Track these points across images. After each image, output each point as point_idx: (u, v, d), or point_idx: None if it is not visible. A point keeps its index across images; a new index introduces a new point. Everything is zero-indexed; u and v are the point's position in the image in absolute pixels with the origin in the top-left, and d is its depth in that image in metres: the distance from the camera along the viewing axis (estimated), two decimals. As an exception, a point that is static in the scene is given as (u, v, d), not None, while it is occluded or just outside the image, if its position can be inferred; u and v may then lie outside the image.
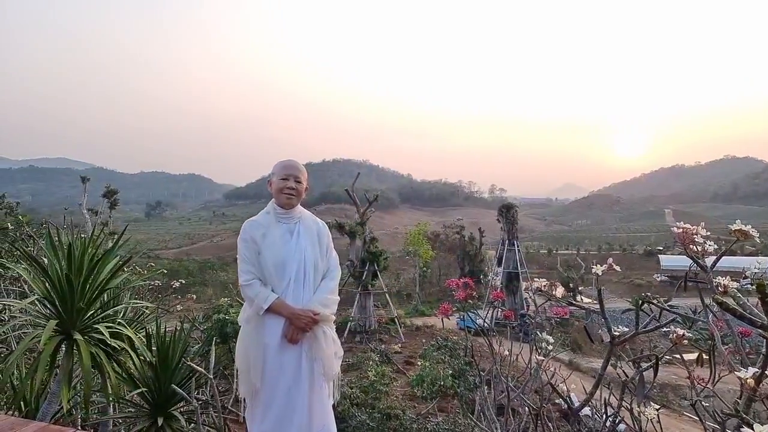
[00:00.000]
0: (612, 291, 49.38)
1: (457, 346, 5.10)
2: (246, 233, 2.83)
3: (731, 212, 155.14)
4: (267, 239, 2.82)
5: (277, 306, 2.69)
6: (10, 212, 16.24)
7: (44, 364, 2.92)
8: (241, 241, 2.83)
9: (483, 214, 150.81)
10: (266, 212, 2.95)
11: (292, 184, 2.90)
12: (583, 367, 20.75)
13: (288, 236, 2.89)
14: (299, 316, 2.70)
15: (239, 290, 2.83)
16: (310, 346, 2.76)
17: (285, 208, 2.91)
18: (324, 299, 2.84)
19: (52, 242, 3.19)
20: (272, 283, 2.77)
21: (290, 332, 2.69)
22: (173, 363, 3.55)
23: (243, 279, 2.74)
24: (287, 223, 2.92)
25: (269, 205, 2.99)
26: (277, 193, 2.91)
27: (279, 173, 2.93)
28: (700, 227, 2.10)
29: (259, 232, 2.82)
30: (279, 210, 2.92)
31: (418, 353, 14.41)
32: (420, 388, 4.23)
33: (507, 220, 29.31)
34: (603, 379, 2.72)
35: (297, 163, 2.99)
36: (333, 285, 2.94)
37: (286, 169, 2.94)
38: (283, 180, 2.90)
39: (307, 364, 2.75)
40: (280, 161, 3.01)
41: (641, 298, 2.65)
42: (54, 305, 3.11)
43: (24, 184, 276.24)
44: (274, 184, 2.93)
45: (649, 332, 2.48)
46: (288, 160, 3.00)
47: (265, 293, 2.71)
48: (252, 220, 2.91)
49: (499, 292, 4.39)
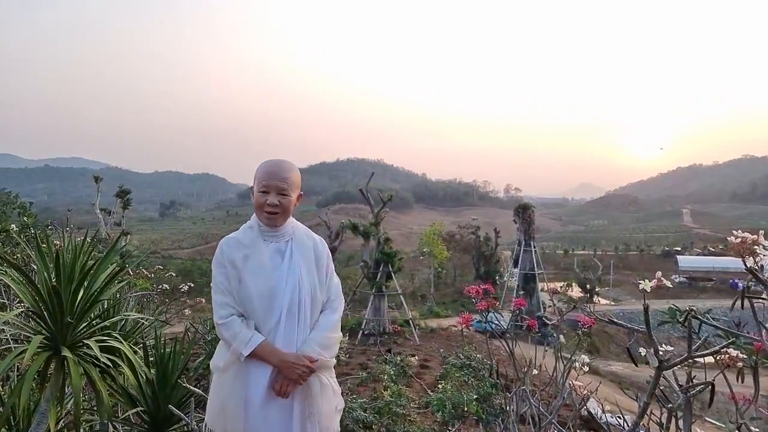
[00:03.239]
0: (630, 293, 48.82)
1: (481, 366, 4.81)
2: (222, 255, 2.22)
3: (750, 212, 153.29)
4: (251, 262, 2.20)
5: (262, 351, 2.11)
6: (23, 212, 16.26)
7: (29, 383, 2.67)
8: (216, 266, 2.23)
9: (498, 214, 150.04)
10: (249, 227, 2.33)
11: (274, 199, 2.22)
12: (602, 370, 20.43)
13: (278, 258, 2.28)
14: (292, 365, 2.10)
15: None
16: (304, 401, 2.18)
17: (269, 227, 2.30)
18: (324, 339, 2.26)
19: (40, 249, 2.93)
20: (257, 320, 2.17)
21: (279, 384, 2.11)
22: (173, 379, 3.29)
23: (218, 316, 2.16)
24: (276, 241, 2.30)
25: (252, 218, 2.35)
26: (257, 210, 2.27)
27: (259, 182, 2.25)
28: (761, 236, 1.86)
29: (240, 253, 2.21)
30: (264, 226, 2.30)
31: (433, 357, 14.16)
32: (441, 414, 3.95)
33: (523, 221, 29.02)
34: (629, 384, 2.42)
35: (283, 165, 2.29)
36: (335, 320, 2.35)
37: (266, 177, 2.23)
38: (262, 194, 2.23)
39: (298, 424, 2.16)
40: (262, 164, 2.31)
41: (678, 309, 2.31)
42: (43, 319, 2.85)
43: (40, 184, 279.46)
44: (254, 196, 2.28)
45: (704, 356, 2.20)
46: (270, 163, 2.29)
47: (247, 335, 2.11)
48: (230, 238, 2.29)
49: (521, 299, 4.13)
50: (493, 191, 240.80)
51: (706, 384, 2.34)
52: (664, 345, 2.27)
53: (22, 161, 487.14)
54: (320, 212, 62.46)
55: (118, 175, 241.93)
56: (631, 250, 79.63)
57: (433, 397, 4.32)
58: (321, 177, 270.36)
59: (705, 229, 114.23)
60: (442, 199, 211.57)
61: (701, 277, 52.21)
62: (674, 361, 2.19)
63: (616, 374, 19.82)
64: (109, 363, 2.88)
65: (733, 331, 2.41)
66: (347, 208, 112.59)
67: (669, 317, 2.24)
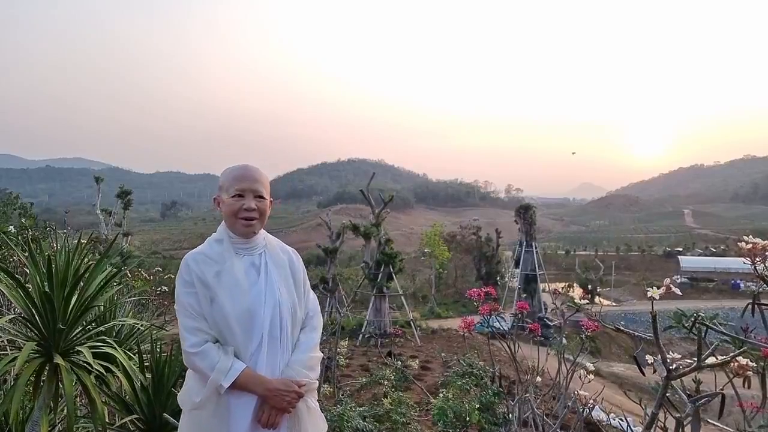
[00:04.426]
0: (630, 293, 48.73)
1: (483, 373, 4.74)
2: (190, 273, 1.95)
3: (752, 212, 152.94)
4: (224, 279, 1.94)
5: (245, 381, 1.86)
6: (23, 213, 16.24)
7: (21, 390, 2.60)
8: (183, 285, 1.95)
9: (499, 215, 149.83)
10: (216, 240, 2.07)
11: (251, 203, 2.02)
12: (603, 371, 20.33)
13: (253, 273, 2.03)
14: (281, 393, 1.89)
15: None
16: (292, 429, 1.98)
17: (245, 237, 2.06)
18: (308, 360, 2.06)
19: (32, 253, 2.86)
20: (236, 345, 1.93)
21: (266, 415, 1.88)
22: (169, 386, 3.22)
23: (189, 344, 1.88)
24: (249, 254, 2.06)
25: (220, 230, 2.10)
26: (231, 218, 2.03)
27: (230, 188, 2.03)
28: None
29: (211, 269, 1.95)
30: (236, 238, 2.06)
31: (434, 358, 14.09)
32: (442, 423, 3.87)
33: (525, 221, 28.97)
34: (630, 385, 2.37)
35: (254, 168, 2.09)
36: (316, 339, 2.15)
37: (240, 180, 2.03)
38: (236, 198, 2.01)
39: None
40: (229, 169, 2.10)
41: (684, 314, 2.24)
42: (35, 325, 2.79)
43: (41, 184, 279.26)
44: (223, 203, 2.05)
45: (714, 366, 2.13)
46: (240, 167, 2.09)
47: (226, 363, 1.86)
48: (197, 252, 2.02)
49: (524, 303, 4.07)
50: (495, 191, 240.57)
51: (715, 394, 2.28)
52: (671, 352, 2.21)
53: (23, 161, 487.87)
54: (321, 213, 62.47)
55: (120, 175, 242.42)
56: (633, 250, 79.48)
57: (435, 406, 4.26)
58: (322, 177, 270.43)
59: (706, 229, 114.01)
60: (443, 200, 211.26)
61: (703, 277, 52.06)
62: (683, 370, 2.13)
63: (618, 376, 19.73)
64: (102, 370, 2.82)
65: (741, 337, 2.35)
66: (348, 208, 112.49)
67: (675, 322, 2.18)
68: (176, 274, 2.04)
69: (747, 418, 2.21)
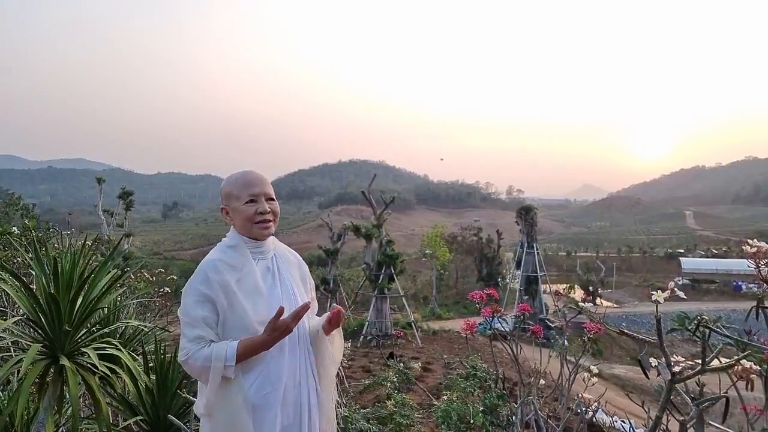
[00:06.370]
0: (632, 294, 48.70)
1: (486, 375, 4.73)
2: (210, 285, 1.86)
3: (753, 214, 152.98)
4: (244, 286, 1.91)
5: (245, 348, 1.81)
6: (26, 213, 16.28)
7: (26, 391, 2.61)
8: (195, 296, 1.87)
9: (500, 216, 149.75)
10: (230, 246, 2.01)
11: (264, 206, 1.99)
12: (605, 373, 20.30)
13: (269, 278, 2.01)
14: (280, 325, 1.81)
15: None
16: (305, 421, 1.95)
17: (262, 239, 2.03)
18: (335, 353, 2.13)
19: (37, 254, 2.87)
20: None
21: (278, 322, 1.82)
22: (173, 387, 3.23)
23: (183, 353, 1.83)
24: (264, 258, 2.04)
25: (231, 236, 2.04)
26: (247, 223, 1.98)
27: (242, 193, 1.98)
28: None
29: (233, 277, 1.89)
30: (251, 243, 2.01)
31: (435, 359, 14.07)
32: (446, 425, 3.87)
33: (526, 223, 28.89)
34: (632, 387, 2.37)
35: (259, 173, 2.06)
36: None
37: (250, 186, 1.99)
38: (250, 203, 1.97)
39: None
40: (233, 176, 2.04)
41: (687, 317, 2.24)
42: (41, 327, 2.80)
43: (43, 185, 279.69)
44: (236, 211, 2.00)
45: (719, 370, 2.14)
46: (246, 173, 2.04)
47: (220, 347, 1.80)
48: (216, 260, 1.94)
49: (526, 304, 4.07)
50: (496, 193, 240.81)
51: (718, 397, 2.28)
52: (674, 355, 2.22)
53: (25, 162, 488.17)
54: (322, 214, 62.49)
55: (121, 176, 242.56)
56: (634, 252, 79.50)
57: (439, 409, 4.26)
58: (323, 178, 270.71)
59: (708, 230, 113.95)
60: (445, 201, 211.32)
61: (704, 279, 51.98)
62: (688, 374, 2.13)
63: (620, 377, 19.69)
64: (107, 371, 2.83)
65: (744, 340, 2.36)
66: (349, 209, 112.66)
67: (678, 325, 2.18)
68: (177, 274, 2.06)
69: (750, 421, 2.21)
